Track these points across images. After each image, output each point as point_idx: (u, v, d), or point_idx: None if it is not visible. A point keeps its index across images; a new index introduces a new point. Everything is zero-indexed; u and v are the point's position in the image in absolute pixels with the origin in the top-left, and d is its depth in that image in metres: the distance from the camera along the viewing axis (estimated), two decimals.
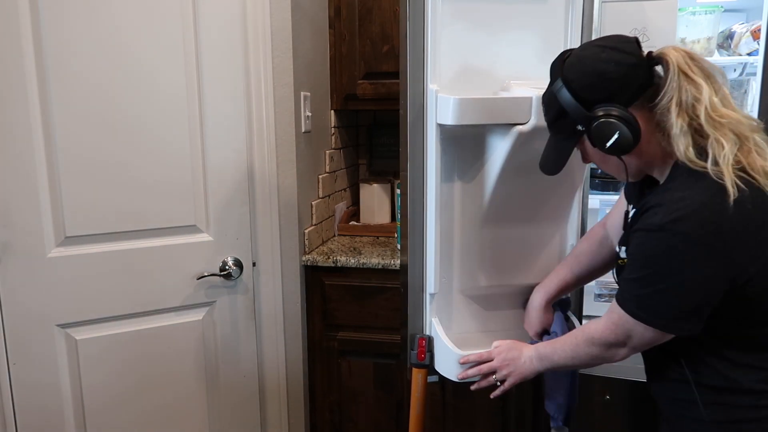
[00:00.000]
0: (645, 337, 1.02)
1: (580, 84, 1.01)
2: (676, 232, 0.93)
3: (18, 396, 1.58)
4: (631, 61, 0.99)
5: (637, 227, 1.00)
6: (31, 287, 1.56)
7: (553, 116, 1.08)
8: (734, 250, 0.93)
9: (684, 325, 0.99)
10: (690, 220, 0.92)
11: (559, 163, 1.12)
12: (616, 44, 1.01)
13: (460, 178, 1.37)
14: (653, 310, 0.99)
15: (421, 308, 1.42)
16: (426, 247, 1.37)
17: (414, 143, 1.34)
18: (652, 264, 0.98)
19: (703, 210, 0.92)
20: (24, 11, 1.44)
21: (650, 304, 0.99)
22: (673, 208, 0.94)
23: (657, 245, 0.96)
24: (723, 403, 1.03)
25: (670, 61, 0.97)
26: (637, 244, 1.00)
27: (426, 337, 1.40)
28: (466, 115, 1.25)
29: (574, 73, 1.02)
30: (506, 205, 1.38)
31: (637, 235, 1.00)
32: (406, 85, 1.33)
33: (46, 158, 1.52)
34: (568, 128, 1.06)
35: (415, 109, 1.33)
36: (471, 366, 1.29)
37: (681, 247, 0.93)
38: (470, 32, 1.33)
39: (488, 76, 1.34)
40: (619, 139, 0.98)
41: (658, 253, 0.96)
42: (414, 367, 1.42)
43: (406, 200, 1.38)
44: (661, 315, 0.99)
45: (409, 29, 1.30)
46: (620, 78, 0.99)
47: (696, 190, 0.94)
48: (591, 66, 1.01)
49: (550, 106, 1.08)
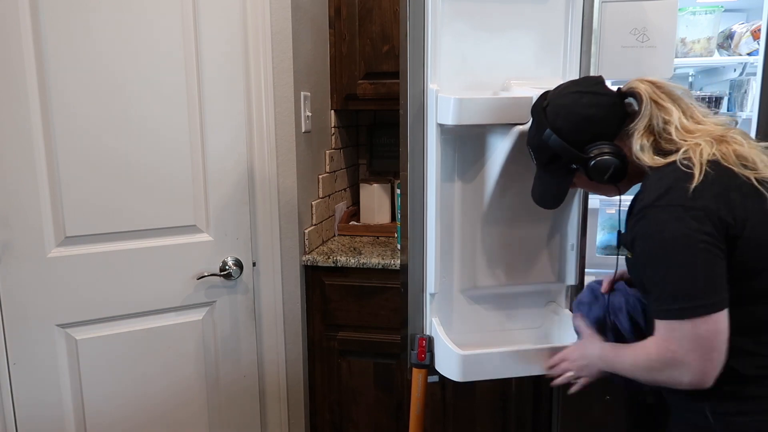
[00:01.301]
0: (699, 336, 0.97)
1: (569, 130, 1.11)
2: (663, 205, 0.99)
3: (18, 396, 1.58)
4: (608, 102, 1.12)
5: (633, 223, 1.05)
6: (31, 287, 1.56)
7: (546, 160, 1.17)
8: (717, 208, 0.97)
9: (720, 295, 0.97)
10: (671, 191, 0.99)
11: (559, 197, 1.23)
12: (592, 88, 1.13)
13: (461, 177, 1.37)
14: (686, 295, 0.97)
15: (421, 308, 1.42)
16: (426, 247, 1.37)
17: (414, 143, 1.34)
18: (656, 246, 1.00)
19: (678, 182, 0.99)
20: (24, 11, 1.44)
21: (681, 290, 0.98)
22: (654, 188, 1.02)
23: (651, 224, 1.00)
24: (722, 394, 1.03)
25: (642, 92, 1.09)
26: (638, 235, 1.03)
27: (426, 337, 1.40)
28: (467, 114, 1.25)
29: (561, 121, 1.12)
30: (506, 205, 1.38)
31: (635, 229, 1.04)
32: (407, 85, 1.33)
33: (46, 158, 1.52)
34: (563, 168, 1.16)
35: (415, 109, 1.33)
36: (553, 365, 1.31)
37: (671, 216, 0.98)
38: (470, 32, 1.33)
39: (488, 76, 1.35)
40: (615, 170, 1.09)
41: (656, 231, 0.99)
42: (414, 367, 1.42)
43: (407, 200, 1.38)
44: (694, 295, 0.97)
45: (410, 29, 1.30)
46: (603, 119, 1.11)
47: (667, 171, 1.03)
48: (575, 112, 1.12)
49: (541, 151, 1.17)
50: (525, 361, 1.34)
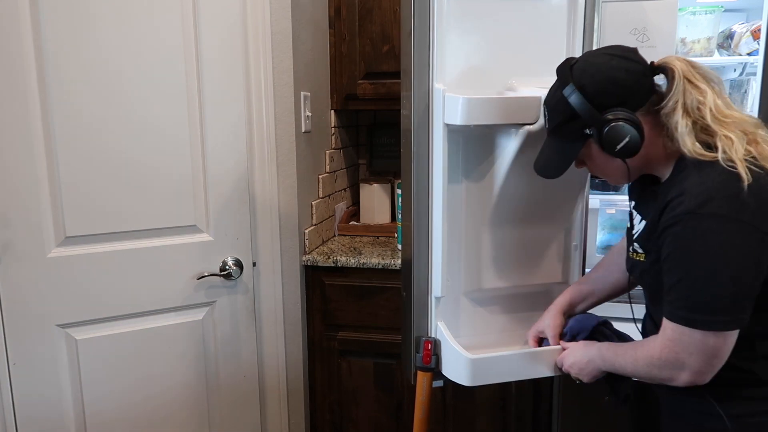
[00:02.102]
0: (707, 347, 0.97)
1: (593, 89, 1.04)
2: (706, 214, 0.94)
3: (18, 396, 1.58)
4: (639, 69, 1.05)
5: (665, 224, 1.00)
6: (31, 287, 1.56)
7: (561, 120, 1.10)
8: (761, 222, 0.94)
9: (741, 315, 0.96)
10: (716, 200, 0.94)
11: (563, 167, 1.15)
12: (624, 53, 1.06)
13: (467, 178, 1.35)
14: (708, 309, 0.96)
15: (426, 311, 1.39)
16: (432, 250, 1.35)
17: (419, 144, 1.32)
18: (691, 255, 0.96)
19: (724, 189, 0.95)
20: (24, 10, 1.44)
21: (702, 302, 0.96)
22: (696, 193, 0.96)
23: (692, 232, 0.96)
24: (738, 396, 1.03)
25: (675, 69, 1.02)
26: (671, 240, 0.99)
27: (432, 340, 1.37)
28: (475, 114, 1.23)
29: (587, 79, 1.05)
30: (513, 206, 1.37)
31: (670, 231, 0.99)
32: (411, 84, 1.31)
33: (46, 158, 1.52)
34: (576, 132, 1.08)
35: (421, 109, 1.31)
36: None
37: (715, 228, 0.94)
38: (475, 31, 1.31)
39: (491, 75, 1.33)
40: (630, 141, 1.02)
41: (695, 240, 0.95)
42: (419, 371, 1.39)
43: (409, 201, 1.36)
44: (717, 310, 0.95)
45: (414, 28, 1.28)
46: (630, 85, 1.04)
47: (712, 174, 0.97)
48: (603, 72, 1.05)
49: (557, 110, 1.10)
50: (534, 362, 1.31)
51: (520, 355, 1.31)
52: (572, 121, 1.07)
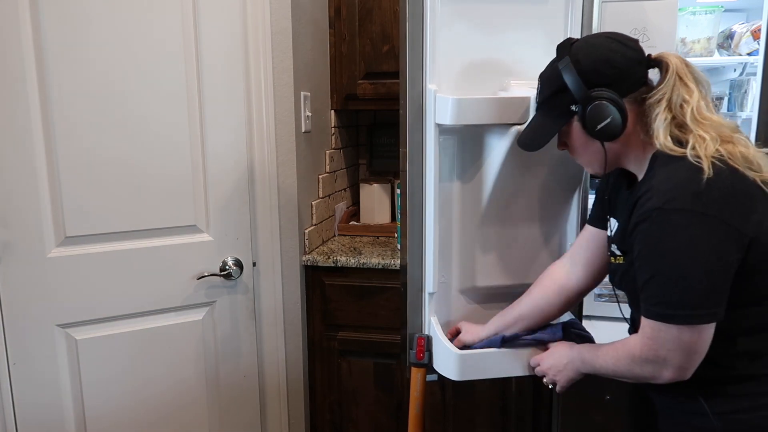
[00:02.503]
0: (685, 343, 0.98)
1: (587, 66, 1.06)
2: (672, 209, 0.96)
3: (18, 396, 1.58)
4: (635, 57, 1.07)
5: (635, 221, 1.01)
6: (31, 287, 1.56)
7: (550, 93, 1.12)
8: (728, 215, 0.95)
9: (714, 308, 0.96)
10: (681, 195, 0.96)
11: (543, 141, 1.15)
12: (624, 39, 1.08)
13: (459, 177, 1.37)
14: (682, 303, 0.97)
15: (420, 307, 1.42)
16: (425, 247, 1.37)
17: (413, 143, 1.34)
18: (661, 251, 0.97)
19: (690, 184, 0.96)
20: (24, 11, 1.44)
21: (677, 298, 0.97)
22: (663, 189, 0.98)
23: (659, 228, 0.97)
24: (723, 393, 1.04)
25: (671, 64, 1.05)
26: (641, 237, 1.00)
27: (425, 337, 1.40)
28: (465, 114, 1.25)
29: (583, 55, 1.07)
30: (505, 205, 1.38)
31: (639, 228, 1.00)
32: (406, 85, 1.33)
33: (46, 158, 1.52)
34: (562, 107, 1.10)
35: (414, 109, 1.33)
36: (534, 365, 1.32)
37: (682, 222, 0.95)
38: (469, 32, 1.33)
39: (487, 76, 1.35)
40: (611, 123, 1.04)
41: (664, 236, 0.96)
42: (413, 367, 1.42)
43: (406, 200, 1.38)
44: (690, 305, 0.96)
45: (408, 29, 1.30)
46: (623, 69, 1.06)
47: (679, 170, 0.99)
48: (600, 52, 1.07)
49: (549, 82, 1.13)
50: (522, 360, 1.34)
51: (508, 353, 1.33)
52: (560, 94, 1.09)
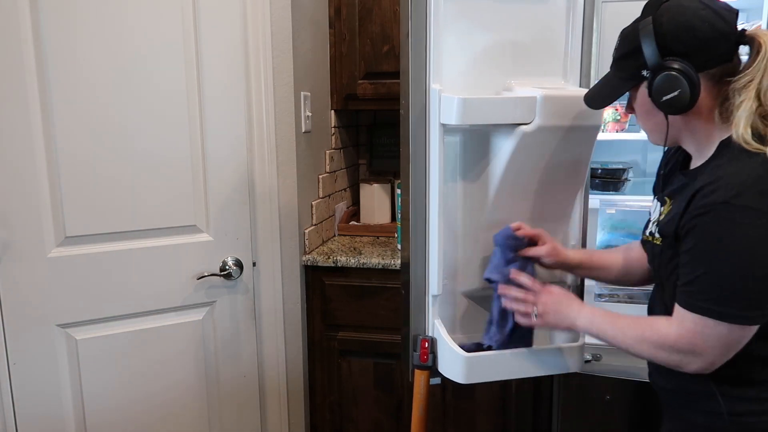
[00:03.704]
0: (730, 340, 0.96)
1: (668, 30, 0.98)
2: (739, 206, 0.91)
3: (18, 396, 1.58)
4: (723, 29, 0.98)
5: (695, 212, 0.96)
6: (31, 287, 1.56)
7: (625, 52, 1.05)
8: None
9: (766, 311, 0.94)
10: (750, 192, 0.91)
11: (607, 100, 1.11)
12: (718, 9, 0.98)
13: (463, 178, 1.36)
14: (738, 303, 0.93)
15: (423, 309, 1.40)
16: (428, 248, 1.36)
17: (416, 143, 1.34)
18: (721, 247, 0.93)
19: (760, 181, 0.92)
20: (24, 12, 1.44)
21: (731, 296, 0.93)
22: (731, 183, 0.93)
23: (721, 223, 0.93)
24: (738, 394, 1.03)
25: (763, 44, 0.96)
26: (700, 231, 0.95)
27: (429, 339, 1.39)
28: (470, 114, 1.24)
29: (667, 18, 0.99)
30: (509, 206, 1.37)
31: (699, 221, 0.95)
32: (408, 84, 1.32)
33: (46, 158, 1.52)
34: (633, 69, 1.03)
35: (417, 109, 1.32)
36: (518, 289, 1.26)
37: (746, 220, 0.91)
38: (472, 31, 1.32)
39: (489, 76, 1.34)
40: (678, 96, 0.97)
41: (725, 233, 0.93)
42: (417, 369, 1.41)
43: (408, 201, 1.37)
44: (745, 305, 0.93)
45: (411, 28, 1.29)
46: (706, 40, 0.97)
47: (750, 165, 0.93)
48: (686, 17, 0.98)
49: (626, 40, 1.05)
50: (529, 362, 1.33)
51: (514, 354, 1.32)
52: (634, 55, 1.02)
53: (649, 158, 2.21)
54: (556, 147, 1.29)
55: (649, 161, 2.21)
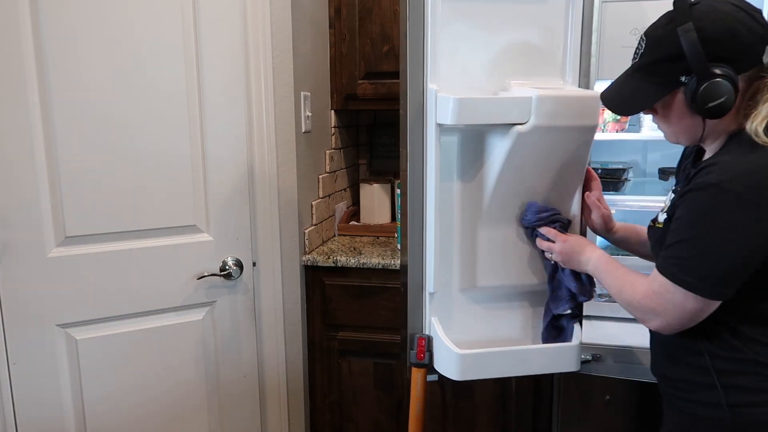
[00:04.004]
0: (684, 308, 1.01)
1: (711, 36, 0.97)
2: (728, 189, 0.95)
3: (18, 396, 1.58)
4: (760, 32, 0.99)
5: (689, 188, 1.00)
6: (31, 287, 1.56)
7: (661, 57, 1.02)
8: None
9: (726, 290, 0.99)
10: (742, 180, 0.95)
11: (641, 107, 1.10)
12: (751, 11, 0.99)
13: (460, 177, 1.37)
14: (697, 274, 0.98)
15: (420, 307, 1.42)
16: (426, 247, 1.37)
17: (414, 143, 1.34)
18: (701, 222, 0.98)
19: (756, 172, 0.95)
20: (24, 12, 1.44)
21: (695, 266, 0.99)
22: (727, 168, 0.96)
23: (708, 201, 0.97)
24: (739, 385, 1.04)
25: None
26: (689, 203, 1.00)
27: (425, 337, 1.40)
28: (466, 114, 1.25)
29: (708, 22, 0.97)
30: (506, 205, 1.38)
31: (689, 195, 1.00)
32: (406, 84, 1.32)
33: (46, 158, 1.52)
34: (671, 75, 1.02)
35: (415, 109, 1.33)
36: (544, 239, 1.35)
37: (731, 204, 0.95)
38: (470, 32, 1.32)
39: (488, 76, 1.34)
40: (723, 102, 0.97)
41: (709, 210, 0.97)
42: (413, 367, 1.42)
43: (406, 200, 1.38)
44: (705, 278, 0.98)
45: (409, 29, 1.30)
46: (747, 44, 0.98)
47: (751, 156, 0.97)
48: (727, 22, 0.98)
49: (660, 45, 1.02)
50: (524, 360, 1.35)
51: (510, 353, 1.34)
52: (674, 61, 1.00)
53: (649, 158, 2.21)
54: (553, 147, 1.30)
55: (649, 161, 2.21)
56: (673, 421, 1.17)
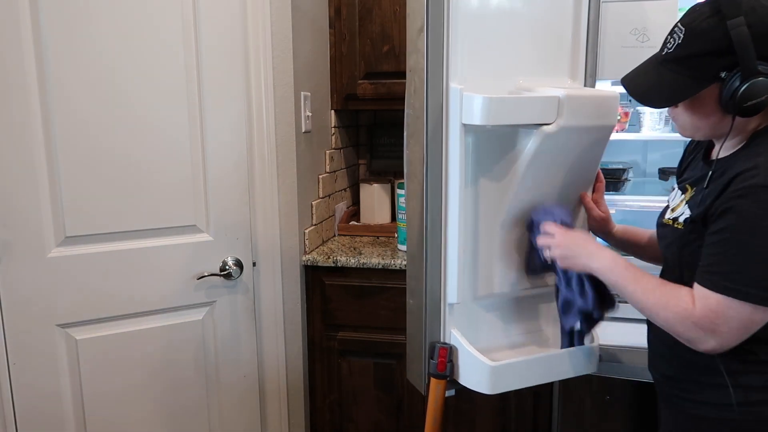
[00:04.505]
0: (752, 322, 0.96)
1: (763, 32, 0.94)
2: None
3: (18, 396, 1.58)
4: None
5: (732, 195, 0.96)
6: (31, 287, 1.56)
7: (703, 51, 0.98)
8: None
9: None
10: None
11: (674, 99, 1.04)
12: None
13: (480, 181, 1.31)
14: (758, 283, 0.93)
15: (438, 317, 1.34)
16: (446, 255, 1.30)
17: (433, 145, 1.27)
18: (755, 229, 0.93)
19: None
20: (24, 9, 1.44)
21: (755, 276, 0.93)
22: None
23: (757, 206, 0.93)
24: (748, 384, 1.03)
25: None
26: (736, 212, 0.95)
27: (448, 347, 1.32)
28: (494, 114, 1.20)
29: (757, 18, 0.94)
30: (524, 208, 1.33)
31: (735, 203, 0.95)
32: (425, 83, 1.25)
33: (46, 158, 1.52)
34: (710, 70, 0.98)
35: (435, 109, 1.26)
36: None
37: None
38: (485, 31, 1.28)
39: (501, 76, 1.30)
40: (761, 102, 0.95)
41: (759, 214, 0.92)
42: (433, 377, 1.34)
43: (420, 205, 1.30)
44: (766, 286, 0.93)
45: (428, 25, 1.23)
46: None
47: None
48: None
49: (704, 38, 0.97)
50: (551, 366, 1.30)
51: (540, 360, 1.30)
52: (717, 56, 0.96)
53: (649, 158, 2.21)
54: (575, 146, 1.27)
55: (649, 161, 2.21)
56: (673, 421, 1.16)
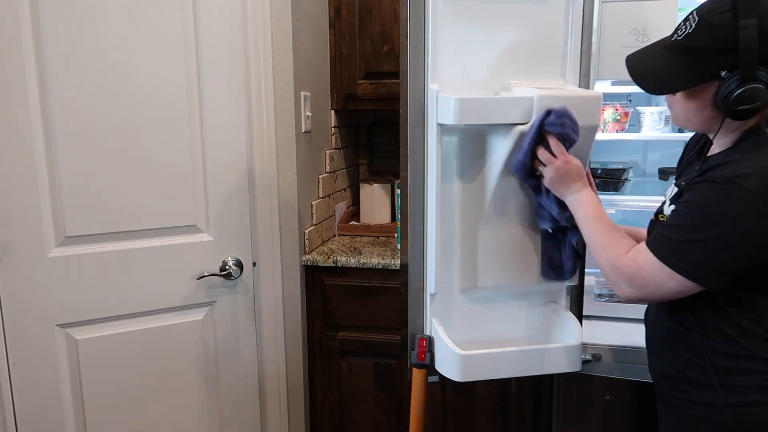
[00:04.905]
0: (664, 287, 1.01)
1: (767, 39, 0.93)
2: (742, 186, 0.94)
3: (18, 396, 1.58)
4: None
5: (702, 179, 1.00)
6: (31, 287, 1.56)
7: (709, 46, 0.96)
8: None
9: (713, 279, 0.99)
10: (757, 178, 0.94)
11: (666, 89, 1.06)
12: None
13: (461, 177, 1.37)
14: (687, 258, 0.98)
15: (421, 308, 1.42)
16: (426, 247, 1.37)
17: (414, 143, 1.34)
18: (707, 213, 0.97)
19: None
20: (24, 11, 1.44)
21: (687, 251, 0.98)
22: (744, 165, 0.96)
23: (719, 195, 0.96)
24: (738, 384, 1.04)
25: None
26: (698, 193, 0.99)
27: (426, 337, 1.40)
28: (467, 114, 1.25)
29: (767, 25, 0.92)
30: (507, 205, 1.38)
31: (700, 186, 0.99)
32: (407, 84, 1.33)
33: (46, 158, 1.52)
34: (712, 66, 0.97)
35: (416, 109, 1.33)
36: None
37: (742, 201, 0.94)
38: (470, 32, 1.32)
39: (488, 76, 1.34)
40: (754, 108, 0.95)
41: (718, 203, 0.96)
42: (414, 367, 1.42)
43: (407, 200, 1.38)
44: (695, 264, 0.98)
45: (410, 29, 1.30)
46: None
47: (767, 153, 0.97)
48: None
49: (713, 32, 0.95)
50: (525, 361, 1.34)
51: (511, 353, 1.33)
52: (722, 55, 0.95)
53: (649, 158, 2.21)
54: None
55: (649, 161, 2.21)
56: (672, 422, 1.17)
